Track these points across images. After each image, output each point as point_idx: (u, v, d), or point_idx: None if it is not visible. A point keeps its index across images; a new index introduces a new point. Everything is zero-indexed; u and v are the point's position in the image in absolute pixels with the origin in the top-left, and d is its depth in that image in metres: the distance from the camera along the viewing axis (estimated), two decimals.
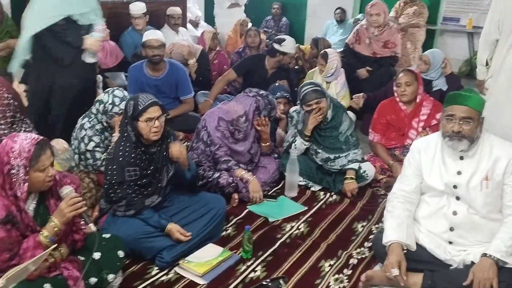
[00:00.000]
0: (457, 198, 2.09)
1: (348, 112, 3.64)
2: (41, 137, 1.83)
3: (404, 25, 5.70)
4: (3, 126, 2.28)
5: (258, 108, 2.97)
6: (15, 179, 1.73)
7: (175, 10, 5.26)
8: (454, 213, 2.09)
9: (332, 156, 3.10)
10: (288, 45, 4.13)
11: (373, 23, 4.62)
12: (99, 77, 4.26)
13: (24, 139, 1.76)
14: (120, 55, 4.95)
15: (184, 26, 5.58)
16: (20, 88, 2.36)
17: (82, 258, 1.93)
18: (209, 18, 7.03)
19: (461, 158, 2.10)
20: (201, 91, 4.43)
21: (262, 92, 3.05)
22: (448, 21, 7.02)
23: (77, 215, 1.84)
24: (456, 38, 7.01)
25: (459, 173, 2.08)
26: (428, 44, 5.99)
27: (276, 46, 4.11)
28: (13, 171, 1.72)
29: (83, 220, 1.91)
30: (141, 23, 5.04)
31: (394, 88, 3.27)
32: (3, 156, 1.74)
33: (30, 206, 1.82)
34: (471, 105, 2.04)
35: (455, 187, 2.08)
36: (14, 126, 2.30)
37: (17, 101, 2.34)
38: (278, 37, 4.36)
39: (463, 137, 2.03)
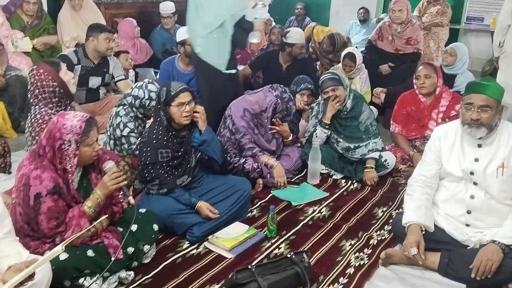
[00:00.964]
0: (475, 183, 2.14)
1: (370, 107, 3.71)
2: (89, 115, 1.98)
3: (427, 24, 5.72)
4: (53, 111, 2.47)
5: (275, 110, 3.06)
6: (65, 154, 1.87)
7: None
8: (472, 197, 2.14)
9: (352, 146, 3.16)
10: (293, 36, 4.19)
11: (396, 19, 4.68)
12: (132, 72, 4.46)
13: (74, 117, 1.91)
14: (150, 52, 5.16)
15: None
16: (68, 75, 2.51)
17: (121, 229, 2.08)
18: None
19: (479, 146, 2.14)
20: None
21: (285, 95, 3.08)
22: (472, 20, 7.00)
23: (117, 188, 2.00)
24: (479, 38, 6.98)
25: (476, 160, 2.13)
26: (451, 43, 6.00)
27: (283, 39, 4.23)
28: (64, 146, 1.86)
29: (122, 193, 2.07)
30: (170, 22, 5.25)
31: (414, 80, 3.33)
32: (55, 132, 1.87)
33: (75, 179, 1.97)
34: (490, 93, 2.09)
35: (472, 173, 2.13)
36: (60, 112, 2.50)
37: (62, 88, 2.51)
38: (284, 31, 4.47)
39: (482, 125, 2.08)
